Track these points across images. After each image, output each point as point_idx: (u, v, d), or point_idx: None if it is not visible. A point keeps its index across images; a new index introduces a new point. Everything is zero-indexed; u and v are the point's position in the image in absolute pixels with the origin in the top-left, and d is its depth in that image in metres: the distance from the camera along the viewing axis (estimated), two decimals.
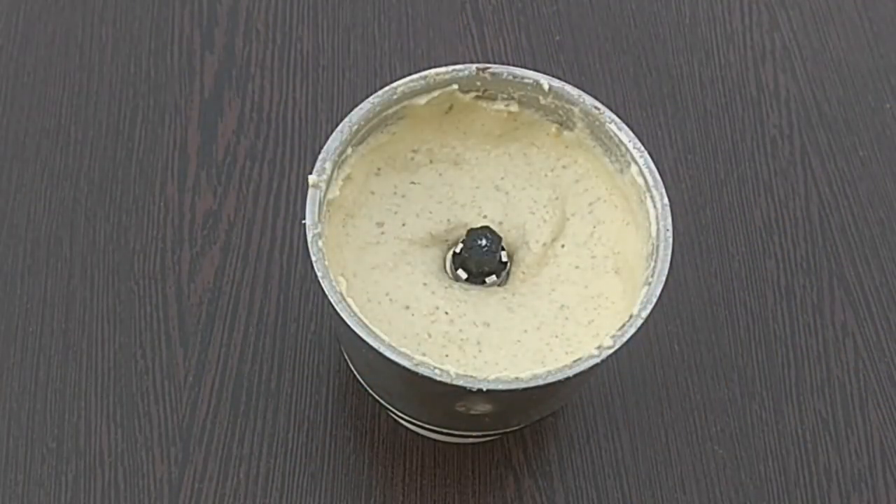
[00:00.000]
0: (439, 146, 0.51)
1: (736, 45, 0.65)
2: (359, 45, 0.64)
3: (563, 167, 0.51)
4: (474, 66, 0.49)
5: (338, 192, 0.48)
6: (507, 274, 0.50)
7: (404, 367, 0.43)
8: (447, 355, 0.47)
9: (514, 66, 0.50)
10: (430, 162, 0.52)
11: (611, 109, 0.49)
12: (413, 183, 0.51)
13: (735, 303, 0.58)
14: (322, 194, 0.46)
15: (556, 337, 0.48)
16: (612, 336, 0.44)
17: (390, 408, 0.50)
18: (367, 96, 0.48)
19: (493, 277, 0.49)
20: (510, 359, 0.47)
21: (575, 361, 0.44)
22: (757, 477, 0.54)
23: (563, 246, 0.50)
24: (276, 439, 0.53)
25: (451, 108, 0.51)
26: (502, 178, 0.52)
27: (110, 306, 0.55)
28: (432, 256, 0.50)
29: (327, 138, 0.47)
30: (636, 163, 0.48)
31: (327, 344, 0.55)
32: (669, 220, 0.46)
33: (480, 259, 0.49)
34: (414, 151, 0.51)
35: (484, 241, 0.49)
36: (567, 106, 0.49)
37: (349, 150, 0.48)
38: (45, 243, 0.57)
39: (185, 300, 0.55)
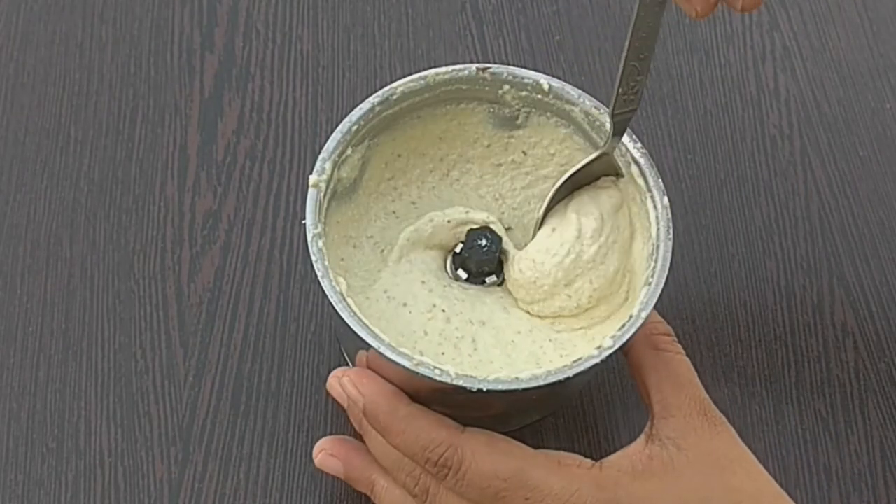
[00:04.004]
0: (440, 147, 0.51)
1: (736, 45, 0.65)
2: (359, 45, 0.63)
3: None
4: (474, 66, 0.49)
5: (339, 192, 0.48)
6: None
7: (404, 367, 0.43)
8: (443, 353, 0.47)
9: (514, 66, 0.50)
10: (431, 162, 0.52)
11: None
12: (414, 183, 0.51)
13: (735, 303, 0.57)
14: (322, 194, 0.46)
15: (550, 340, 0.48)
16: (612, 336, 0.44)
17: None
18: (367, 96, 0.48)
19: (493, 277, 0.49)
20: (505, 358, 0.47)
21: (575, 361, 0.44)
22: None
23: None
24: (276, 439, 0.53)
25: (451, 108, 0.51)
26: (503, 179, 0.52)
27: (110, 306, 0.55)
28: (432, 256, 0.50)
29: (327, 138, 0.47)
30: (636, 163, 0.48)
31: (327, 344, 0.55)
32: (669, 220, 0.46)
33: (480, 259, 0.49)
34: (414, 152, 0.51)
35: (484, 241, 0.49)
36: (567, 106, 0.49)
37: (349, 150, 0.48)
38: (45, 243, 0.56)
39: (185, 300, 0.55)
